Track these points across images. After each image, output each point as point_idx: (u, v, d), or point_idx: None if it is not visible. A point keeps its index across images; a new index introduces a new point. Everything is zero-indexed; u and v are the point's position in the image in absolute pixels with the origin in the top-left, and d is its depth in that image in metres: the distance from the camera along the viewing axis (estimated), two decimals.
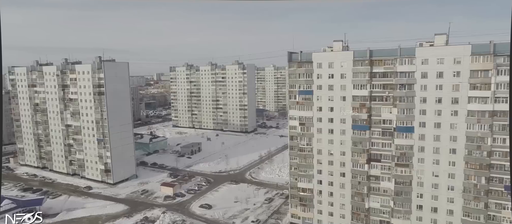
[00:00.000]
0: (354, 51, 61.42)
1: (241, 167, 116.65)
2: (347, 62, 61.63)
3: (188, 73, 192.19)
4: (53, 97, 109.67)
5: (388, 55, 58.89)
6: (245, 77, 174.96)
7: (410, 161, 58.69)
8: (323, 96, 64.44)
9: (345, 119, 63.21)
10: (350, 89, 61.93)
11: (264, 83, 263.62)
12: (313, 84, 64.93)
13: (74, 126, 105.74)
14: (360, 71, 60.57)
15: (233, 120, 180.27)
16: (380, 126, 60.70)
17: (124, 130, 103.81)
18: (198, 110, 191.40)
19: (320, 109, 65.28)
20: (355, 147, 62.87)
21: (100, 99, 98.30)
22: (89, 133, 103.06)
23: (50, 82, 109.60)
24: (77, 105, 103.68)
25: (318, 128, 65.92)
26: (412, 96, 57.16)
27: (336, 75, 62.86)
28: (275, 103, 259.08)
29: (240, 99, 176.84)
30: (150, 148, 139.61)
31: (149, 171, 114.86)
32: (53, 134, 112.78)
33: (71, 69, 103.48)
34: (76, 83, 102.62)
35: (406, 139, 58.31)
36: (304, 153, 67.65)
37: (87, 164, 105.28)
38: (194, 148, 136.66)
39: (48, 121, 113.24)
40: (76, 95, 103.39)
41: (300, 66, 65.62)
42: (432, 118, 56.13)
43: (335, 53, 63.31)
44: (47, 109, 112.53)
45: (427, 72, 55.48)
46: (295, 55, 66.56)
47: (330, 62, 63.09)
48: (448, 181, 56.15)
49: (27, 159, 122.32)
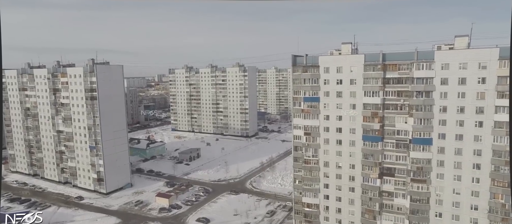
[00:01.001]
0: (365, 54, 55.81)
1: (241, 175, 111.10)
2: (357, 67, 56.04)
3: (188, 75, 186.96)
4: (45, 101, 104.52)
5: (403, 59, 53.29)
6: (246, 80, 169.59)
7: (427, 176, 52.99)
8: (331, 104, 58.86)
9: (355, 129, 57.58)
10: (360, 96, 56.32)
11: (266, 85, 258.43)
12: (319, 90, 59.37)
13: (66, 132, 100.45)
14: (372, 77, 54.96)
15: (234, 124, 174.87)
16: (394, 137, 55.05)
17: (119, 136, 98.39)
18: (197, 114, 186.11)
19: (327, 118, 59.69)
20: (366, 159, 57.22)
21: (92, 105, 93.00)
22: (81, 140, 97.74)
23: (41, 86, 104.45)
24: (69, 111, 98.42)
25: (325, 138, 60.31)
26: (430, 105, 51.50)
27: (345, 81, 57.26)
28: (277, 106, 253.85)
29: (241, 102, 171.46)
30: (147, 153, 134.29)
31: (145, 179, 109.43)
32: (45, 140, 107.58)
33: (62, 73, 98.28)
34: (68, 87, 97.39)
35: (424, 152, 52.61)
36: (310, 165, 62.04)
37: (79, 172, 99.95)
38: (193, 154, 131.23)
39: (39, 126, 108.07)
40: (67, 100, 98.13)
41: (305, 70, 60.06)
42: (453, 129, 50.45)
43: (344, 57, 57.74)
44: (39, 114, 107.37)
45: (448, 78, 49.83)
46: (300, 58, 61.00)
47: (339, 67, 57.51)
48: (471, 200, 50.42)
49: (18, 166, 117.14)
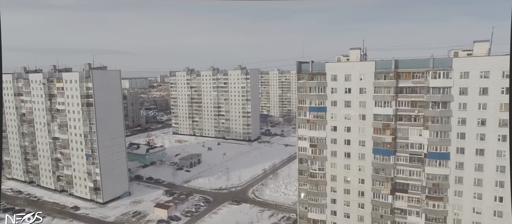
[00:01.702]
0: (376, 61, 51.83)
1: (243, 182, 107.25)
2: (367, 74, 52.08)
3: (189, 78, 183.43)
4: (40, 107, 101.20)
5: (417, 67, 49.30)
6: (248, 83, 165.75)
7: (444, 193, 48.93)
8: (338, 114, 54.94)
9: (365, 141, 53.61)
10: (371, 106, 52.36)
11: (268, 87, 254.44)
12: (326, 100, 55.47)
13: (62, 139, 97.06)
14: (383, 85, 50.99)
15: (236, 128, 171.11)
16: (408, 151, 51.05)
17: (116, 144, 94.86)
18: (199, 117, 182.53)
19: (334, 129, 55.76)
20: (377, 174, 53.23)
21: (88, 111, 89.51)
22: (77, 147, 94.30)
23: (37, 91, 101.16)
24: (65, 117, 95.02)
25: (333, 150, 56.39)
26: (447, 117, 47.45)
27: (354, 90, 53.32)
28: (280, 109, 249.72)
29: (243, 106, 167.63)
30: (147, 159, 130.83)
31: (144, 187, 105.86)
32: (40, 146, 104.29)
33: (58, 78, 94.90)
34: (63, 92, 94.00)
35: (440, 167, 48.54)
36: (316, 179, 58.14)
37: (76, 180, 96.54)
38: (194, 160, 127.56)
39: (35, 133, 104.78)
40: (63, 106, 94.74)
41: (311, 78, 56.17)
42: (473, 143, 46.38)
43: (352, 64, 53.78)
44: (34, 120, 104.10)
45: (468, 88, 45.80)
46: (305, 65, 57.13)
47: (347, 75, 53.58)
48: (494, 221, 46.33)
49: (14, 173, 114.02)
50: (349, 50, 56.89)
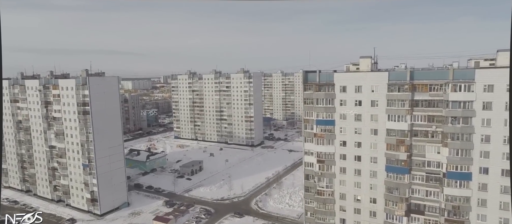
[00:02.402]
0: (389, 72, 47.81)
1: (245, 192, 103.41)
2: (379, 86, 48.06)
3: (191, 81, 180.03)
4: (36, 114, 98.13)
5: (435, 78, 45.22)
6: (251, 87, 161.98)
7: (466, 216, 44.81)
8: (348, 128, 50.97)
9: (377, 158, 49.58)
10: (383, 120, 48.34)
11: (272, 90, 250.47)
12: (335, 112, 51.53)
13: (58, 147, 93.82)
14: (397, 98, 46.94)
15: (238, 132, 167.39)
16: (424, 169, 46.97)
17: (114, 153, 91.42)
18: (201, 121, 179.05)
19: (343, 144, 51.80)
20: (390, 194, 49.19)
21: (85, 120, 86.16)
22: (74, 157, 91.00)
23: (33, 98, 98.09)
24: (61, 125, 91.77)
25: (342, 167, 52.43)
26: (469, 134, 43.34)
27: (365, 102, 49.33)
28: (283, 112, 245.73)
29: (245, 110, 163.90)
30: (147, 166, 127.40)
31: (143, 197, 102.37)
32: (37, 155, 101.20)
33: (54, 85, 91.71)
34: (60, 100, 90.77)
35: (461, 188, 44.42)
36: (323, 196, 54.19)
37: (72, 191, 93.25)
38: (195, 167, 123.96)
39: (32, 140, 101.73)
40: (59, 113, 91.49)
41: (319, 89, 52.25)
42: (498, 162, 42.24)
43: (363, 75, 49.76)
44: (30, 128, 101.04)
45: (492, 102, 41.68)
46: (312, 75, 53.24)
47: (357, 86, 49.58)
48: None
49: (10, 181, 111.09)
50: (359, 59, 52.88)
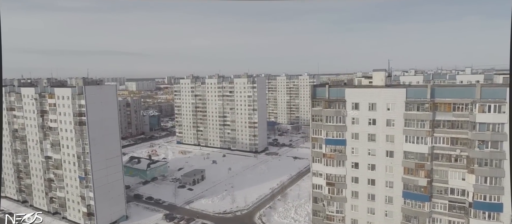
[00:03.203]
0: (407, 89, 43.23)
1: (249, 205, 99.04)
2: (396, 104, 43.50)
3: (193, 86, 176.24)
4: (32, 124, 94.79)
5: (460, 97, 40.58)
6: (255, 92, 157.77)
7: None
8: (361, 149, 46.47)
9: (393, 183, 45.03)
10: (400, 142, 43.78)
11: (276, 93, 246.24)
12: (346, 131, 47.06)
13: (54, 158, 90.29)
14: (416, 118, 42.35)
15: (242, 138, 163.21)
16: (447, 197, 42.35)
17: (112, 164, 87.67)
18: (204, 126, 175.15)
19: (356, 166, 47.32)
20: (408, 222, 44.65)
21: (81, 130, 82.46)
22: (70, 168, 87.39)
23: (29, 107, 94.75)
24: (57, 135, 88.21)
25: (354, 190, 47.95)
26: (499, 160, 38.67)
27: (379, 121, 44.80)
28: (288, 115, 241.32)
29: (249, 116, 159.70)
30: (148, 175, 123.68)
31: (142, 209, 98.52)
32: (33, 165, 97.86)
33: (50, 93, 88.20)
34: (56, 109, 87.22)
35: (490, 220, 39.75)
36: (333, 222, 49.76)
37: (69, 203, 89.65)
38: (197, 176, 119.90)
39: (28, 150, 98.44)
40: (55, 123, 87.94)
41: (328, 105, 47.80)
42: None
43: (378, 91, 45.21)
44: (26, 137, 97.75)
45: None
46: (321, 90, 48.84)
47: (371, 103, 45.06)
48: None
49: (7, 191, 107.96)
50: (373, 72, 48.36)
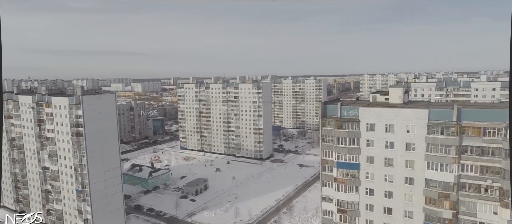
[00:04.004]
0: (430, 109, 38.63)
1: (253, 218, 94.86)
2: (417, 126, 38.95)
3: (197, 90, 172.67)
4: (30, 133, 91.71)
5: (491, 120, 35.90)
6: (260, 98, 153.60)
7: None
8: (376, 175, 41.99)
9: (413, 213, 40.49)
10: (421, 168, 39.21)
11: (281, 97, 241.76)
12: (360, 154, 42.65)
13: (52, 169, 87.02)
14: (440, 142, 37.79)
15: (247, 145, 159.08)
16: None
17: (111, 177, 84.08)
18: (208, 132, 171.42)
19: (370, 193, 42.86)
20: None
21: (78, 142, 78.97)
22: (67, 180, 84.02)
23: (26, 115, 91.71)
24: (54, 146, 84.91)
25: (368, 219, 43.47)
26: None
27: (398, 144, 40.29)
28: (293, 120, 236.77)
29: (254, 122, 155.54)
30: (149, 184, 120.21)
31: (142, 222, 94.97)
32: (31, 175, 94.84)
33: (47, 102, 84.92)
34: (53, 119, 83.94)
35: None
36: None
37: (66, 216, 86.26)
38: (200, 186, 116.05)
39: (25, 160, 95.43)
40: (53, 133, 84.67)
41: (340, 125, 43.41)
42: None
43: (396, 112, 40.67)
44: (24, 146, 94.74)
45: None
46: (332, 107, 44.45)
47: (389, 124, 40.56)
48: None
49: (5, 200, 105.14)
50: (389, 89, 43.83)
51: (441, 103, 42.33)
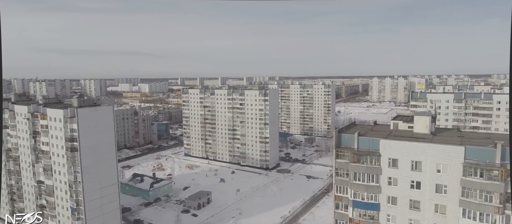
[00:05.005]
0: (467, 147, 32.53)
1: None
2: (450, 165, 32.94)
3: (202, 97, 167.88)
4: (25, 144, 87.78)
5: None
6: (266, 105, 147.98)
7: None
8: (399, 219, 36.06)
9: None
10: (455, 215, 33.20)
11: (289, 102, 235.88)
12: (380, 194, 36.78)
13: (47, 184, 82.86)
14: (479, 187, 31.71)
15: (252, 154, 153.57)
16: None
17: (107, 193, 79.53)
18: (212, 139, 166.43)
19: None
20: None
21: (73, 157, 74.56)
22: (62, 196, 79.72)
23: (22, 126, 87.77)
24: (49, 159, 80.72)
25: None
26: None
27: (426, 185, 34.31)
28: (301, 126, 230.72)
29: (260, 130, 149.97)
30: (151, 196, 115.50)
31: None
32: (26, 188, 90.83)
33: (42, 114, 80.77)
34: (48, 131, 79.74)
35: None
36: None
37: None
38: (202, 200, 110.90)
39: (21, 172, 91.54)
40: (47, 146, 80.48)
41: (357, 159, 37.60)
42: None
43: (424, 146, 34.68)
44: (20, 158, 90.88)
45: None
46: (348, 137, 38.63)
47: (415, 161, 34.63)
48: None
49: (1, 212, 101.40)
50: (414, 116, 37.84)
51: (477, 137, 36.22)
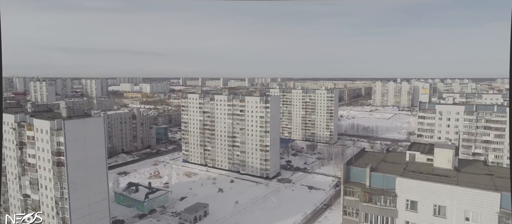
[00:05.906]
0: (502, 194, 27.50)
1: None
2: (482, 213, 27.90)
3: (202, 102, 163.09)
4: (12, 155, 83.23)
5: None
6: (267, 112, 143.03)
7: None
8: None
9: None
10: None
11: (291, 107, 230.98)
12: None
13: (33, 198, 78.31)
14: None
15: (252, 162, 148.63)
16: None
17: (96, 210, 74.86)
18: (211, 146, 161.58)
19: None
20: None
21: (59, 172, 69.91)
22: (48, 213, 75.07)
23: (9, 135, 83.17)
24: (35, 173, 76.16)
25: None
26: None
27: None
28: (303, 131, 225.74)
29: (261, 138, 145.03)
30: (145, 207, 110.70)
31: None
32: (12, 201, 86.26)
33: (28, 124, 76.18)
34: (34, 143, 75.17)
35: None
36: None
37: None
38: (199, 213, 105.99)
39: (7, 184, 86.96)
40: (34, 159, 75.90)
41: (369, 198, 32.64)
42: None
43: (449, 190, 29.64)
44: (6, 169, 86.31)
45: None
46: (358, 171, 33.72)
47: (438, 206, 29.59)
48: None
49: None
50: (435, 149, 32.84)
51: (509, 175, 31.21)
